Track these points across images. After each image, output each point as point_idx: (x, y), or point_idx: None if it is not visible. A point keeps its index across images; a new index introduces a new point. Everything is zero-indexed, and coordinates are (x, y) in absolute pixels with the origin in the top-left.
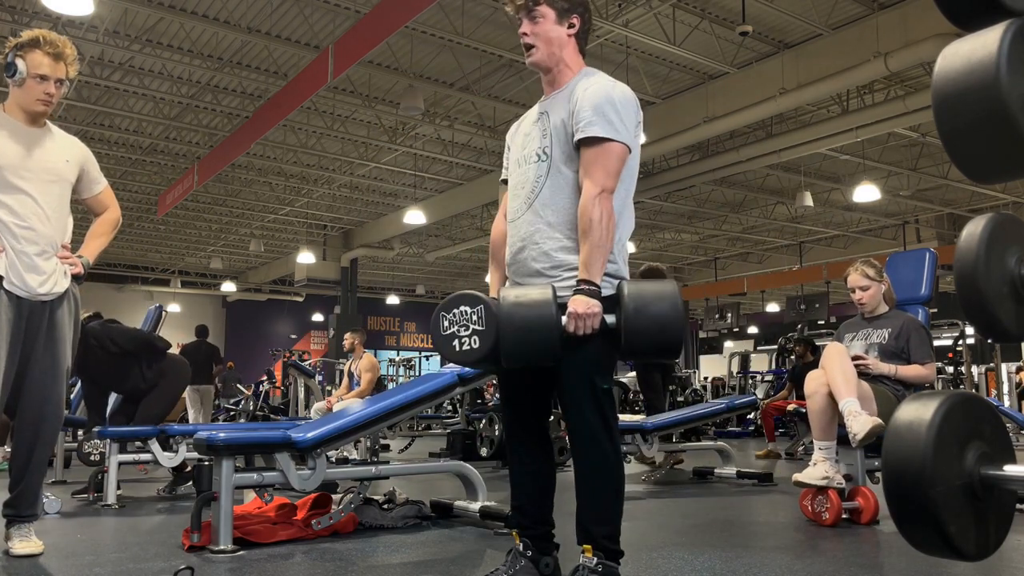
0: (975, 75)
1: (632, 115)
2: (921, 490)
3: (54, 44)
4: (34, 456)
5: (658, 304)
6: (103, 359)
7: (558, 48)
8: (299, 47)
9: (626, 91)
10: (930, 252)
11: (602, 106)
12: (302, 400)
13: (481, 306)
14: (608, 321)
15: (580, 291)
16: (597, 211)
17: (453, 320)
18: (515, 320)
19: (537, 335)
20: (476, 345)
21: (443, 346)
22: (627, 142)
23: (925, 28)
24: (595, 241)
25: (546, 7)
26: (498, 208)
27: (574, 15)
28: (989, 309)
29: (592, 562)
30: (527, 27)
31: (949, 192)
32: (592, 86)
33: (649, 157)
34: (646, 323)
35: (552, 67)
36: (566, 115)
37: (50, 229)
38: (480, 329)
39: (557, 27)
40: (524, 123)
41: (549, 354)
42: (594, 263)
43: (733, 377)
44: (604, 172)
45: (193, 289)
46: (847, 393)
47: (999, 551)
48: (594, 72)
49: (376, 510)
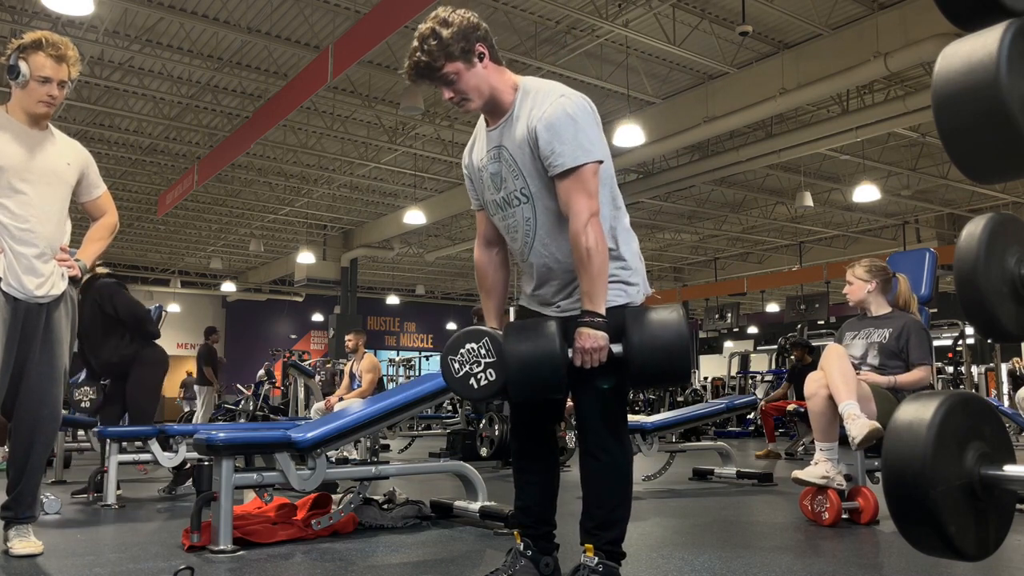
0: (975, 75)
1: (592, 121)
2: (921, 490)
3: (57, 46)
4: (31, 458)
5: (663, 333)
6: (97, 317)
7: (486, 86)
8: (299, 47)
9: (577, 100)
10: (930, 252)
11: (563, 131)
12: (302, 400)
13: (486, 339)
14: (615, 351)
15: (585, 323)
16: (591, 239)
17: (463, 360)
18: (520, 356)
19: (544, 371)
20: (493, 377)
21: (460, 387)
22: (599, 157)
23: (925, 28)
24: (594, 270)
25: (450, 64)
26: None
27: (475, 45)
28: (989, 309)
29: (593, 561)
30: (448, 92)
31: (949, 192)
32: (544, 108)
33: (649, 157)
34: (652, 353)
35: (490, 102)
36: (528, 146)
37: (49, 231)
38: (492, 360)
39: (472, 70)
40: (481, 157)
41: (558, 390)
42: (596, 292)
43: (733, 377)
44: (586, 197)
45: (193, 289)
46: (846, 395)
47: (999, 551)
48: (530, 87)
49: (376, 510)
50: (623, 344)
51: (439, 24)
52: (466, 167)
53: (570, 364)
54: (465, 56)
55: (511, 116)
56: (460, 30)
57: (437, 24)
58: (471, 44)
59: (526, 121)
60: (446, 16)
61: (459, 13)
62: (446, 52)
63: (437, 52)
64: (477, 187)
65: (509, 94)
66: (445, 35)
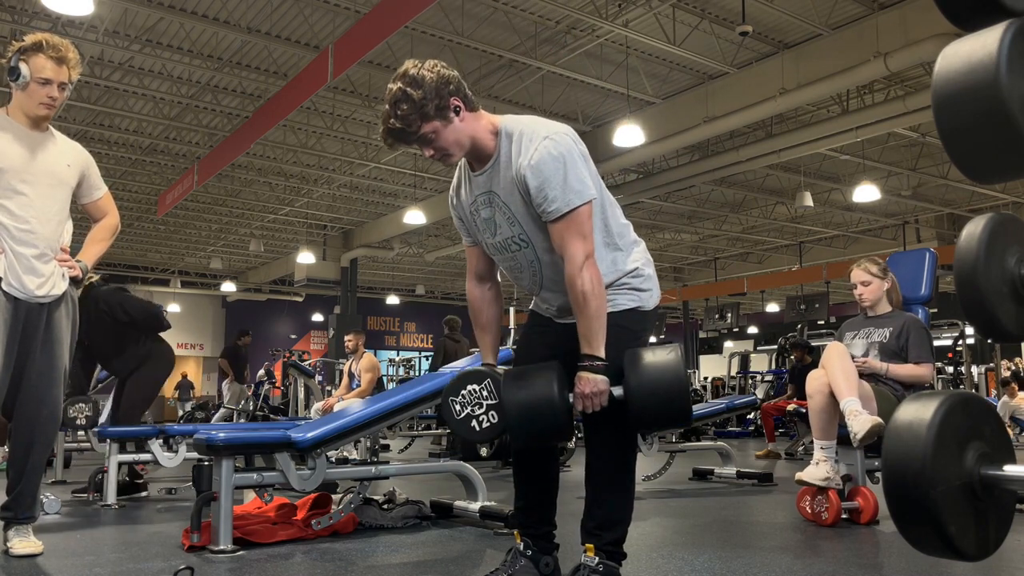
0: (975, 75)
1: (579, 158)
2: (921, 490)
3: (57, 48)
4: (31, 458)
5: (662, 376)
6: (108, 327)
7: (465, 138)
8: (299, 47)
9: (561, 139)
10: (930, 252)
11: (552, 176)
12: (302, 400)
13: (488, 380)
14: (616, 394)
15: (584, 367)
16: (587, 283)
17: (464, 402)
18: (519, 404)
19: (543, 420)
20: (495, 420)
21: (462, 429)
22: (591, 196)
23: (925, 28)
24: (591, 313)
25: (427, 124)
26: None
27: (450, 100)
28: (989, 309)
29: (593, 561)
30: (427, 151)
31: (949, 192)
32: (531, 154)
33: (649, 157)
34: (651, 397)
35: (471, 151)
36: (519, 193)
37: (49, 232)
38: (494, 403)
39: (450, 126)
40: (472, 201)
41: (559, 436)
42: (594, 335)
43: (733, 377)
44: (580, 240)
45: (193, 289)
46: (848, 393)
47: (999, 551)
48: (512, 129)
49: (376, 510)
50: (623, 386)
51: (409, 85)
52: (454, 207)
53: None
54: (441, 114)
55: (496, 161)
56: (432, 88)
57: (407, 85)
58: (445, 101)
59: (514, 167)
60: (415, 74)
61: (428, 68)
62: (421, 113)
63: (411, 116)
64: (470, 228)
65: (490, 139)
66: (417, 96)
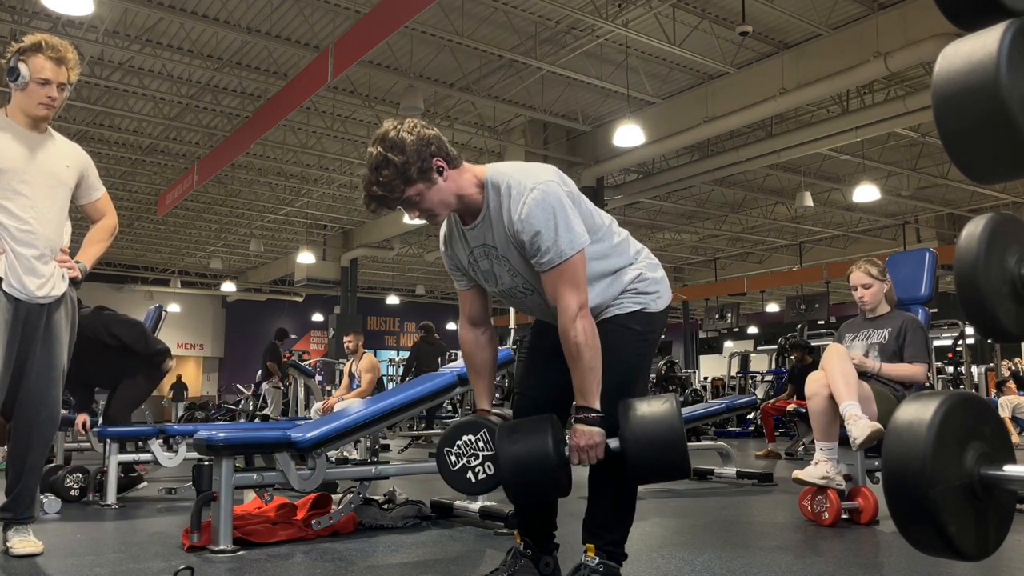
0: (975, 75)
1: (566, 203)
2: (921, 490)
3: (56, 48)
4: (30, 458)
5: (657, 429)
6: (97, 354)
7: (450, 197)
8: (299, 47)
9: (547, 187)
10: (930, 252)
11: (544, 229)
12: (302, 400)
13: (484, 431)
14: (612, 446)
15: (580, 419)
16: (581, 334)
17: (459, 452)
18: (513, 458)
19: (536, 475)
20: (492, 471)
21: (457, 481)
22: (583, 244)
23: (925, 28)
24: (585, 365)
25: (410, 188)
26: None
27: (432, 161)
28: (989, 309)
29: (594, 561)
30: (414, 212)
31: (949, 192)
32: (519, 209)
33: (649, 157)
34: (647, 449)
35: (459, 208)
36: (514, 248)
37: (49, 233)
38: (491, 454)
39: (433, 187)
40: (469, 252)
41: (559, 491)
42: (588, 388)
43: (733, 377)
44: (573, 290)
45: (193, 289)
46: (848, 396)
47: (999, 551)
48: (497, 182)
49: (376, 510)
50: (619, 438)
51: (389, 150)
52: (447, 255)
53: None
54: (424, 176)
55: (487, 216)
56: (414, 151)
57: (387, 150)
58: (428, 163)
59: (505, 222)
60: (395, 137)
61: (407, 130)
62: (403, 178)
63: (394, 181)
64: (468, 274)
65: (477, 193)
66: (399, 161)
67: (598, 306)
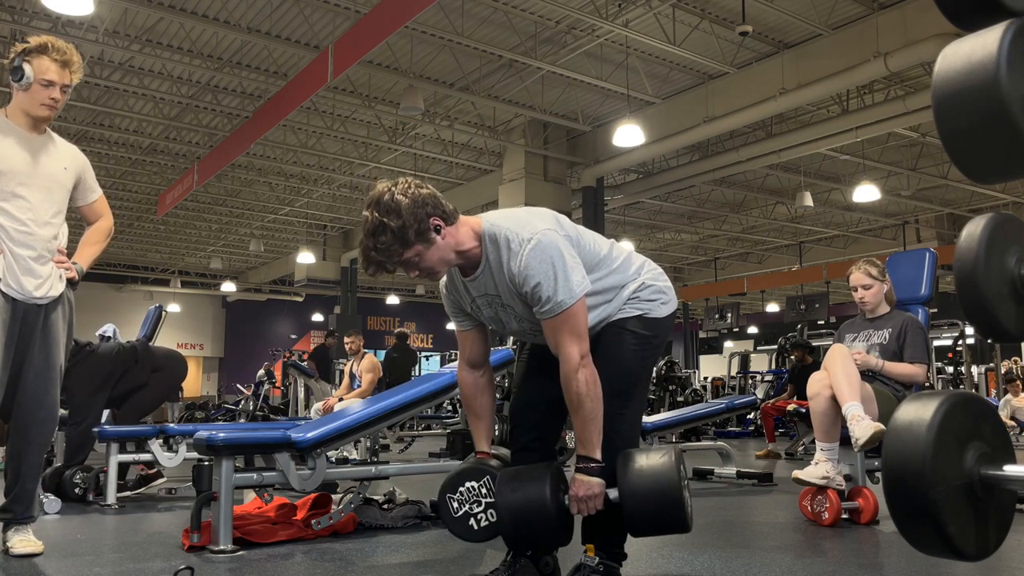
0: (975, 75)
1: (563, 251)
2: (921, 490)
3: (61, 51)
4: (29, 458)
5: (654, 483)
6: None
7: (449, 254)
8: (299, 47)
9: (544, 237)
10: (930, 252)
11: (543, 279)
12: (302, 400)
13: (487, 478)
14: (612, 497)
15: (580, 469)
16: (583, 385)
17: (462, 499)
18: (511, 507)
19: (536, 525)
20: (494, 519)
21: (459, 528)
22: (582, 291)
23: (925, 28)
24: (586, 415)
25: (408, 251)
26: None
27: (429, 222)
28: (989, 309)
29: (593, 561)
30: (414, 272)
31: (949, 192)
32: (519, 262)
33: (649, 157)
34: (644, 503)
35: (458, 261)
36: (518, 299)
37: (47, 234)
38: (493, 501)
39: (431, 248)
40: (473, 300)
41: (558, 540)
42: (589, 437)
43: (733, 377)
44: (575, 339)
45: (193, 289)
46: (850, 397)
47: (999, 551)
48: (495, 234)
49: (376, 510)
50: (619, 488)
51: (385, 215)
52: (449, 301)
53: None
54: (421, 237)
55: (487, 267)
56: (410, 213)
57: (383, 215)
58: (425, 224)
59: (506, 274)
60: (389, 201)
61: (401, 192)
62: (401, 241)
63: (392, 246)
64: (473, 318)
65: (475, 247)
66: (395, 226)
67: (601, 321)
